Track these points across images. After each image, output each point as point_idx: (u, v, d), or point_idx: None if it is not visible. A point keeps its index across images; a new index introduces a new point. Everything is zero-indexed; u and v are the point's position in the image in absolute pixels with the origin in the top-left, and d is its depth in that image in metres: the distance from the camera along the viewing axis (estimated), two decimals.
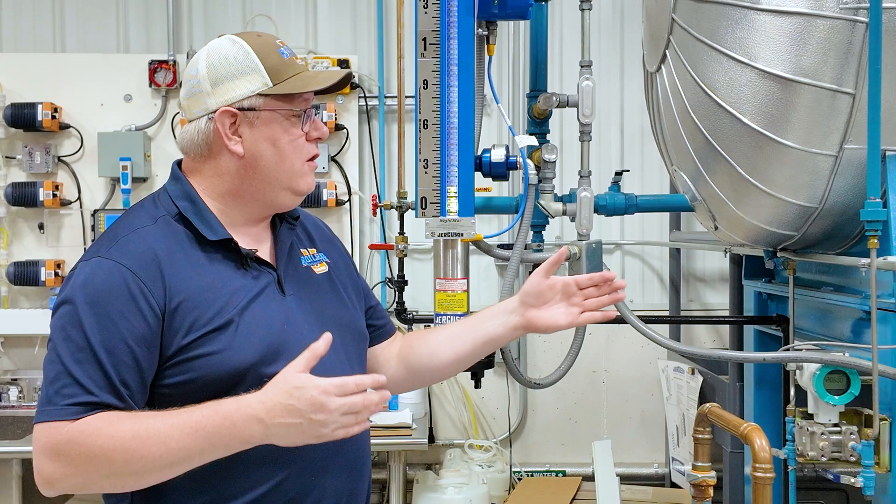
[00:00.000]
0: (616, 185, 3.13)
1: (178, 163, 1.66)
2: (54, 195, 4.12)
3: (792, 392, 2.66)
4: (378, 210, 4.00)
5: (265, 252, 1.64)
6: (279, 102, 1.58)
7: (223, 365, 1.47)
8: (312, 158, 1.63)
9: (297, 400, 1.37)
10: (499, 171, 2.64)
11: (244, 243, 1.60)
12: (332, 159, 4.26)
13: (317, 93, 1.61)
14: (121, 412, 1.42)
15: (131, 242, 1.51)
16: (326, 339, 1.43)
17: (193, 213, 1.57)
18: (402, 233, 3.50)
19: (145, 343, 1.46)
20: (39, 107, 4.08)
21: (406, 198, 3.51)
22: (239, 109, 1.56)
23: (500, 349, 2.71)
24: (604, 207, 3.01)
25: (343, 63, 4.18)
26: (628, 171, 3.79)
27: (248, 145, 1.58)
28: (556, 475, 4.37)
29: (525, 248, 2.73)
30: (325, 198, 4.14)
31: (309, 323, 1.60)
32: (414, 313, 3.61)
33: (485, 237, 2.70)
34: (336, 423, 1.38)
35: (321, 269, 1.71)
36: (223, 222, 1.60)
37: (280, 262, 1.63)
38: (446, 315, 2.53)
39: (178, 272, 1.51)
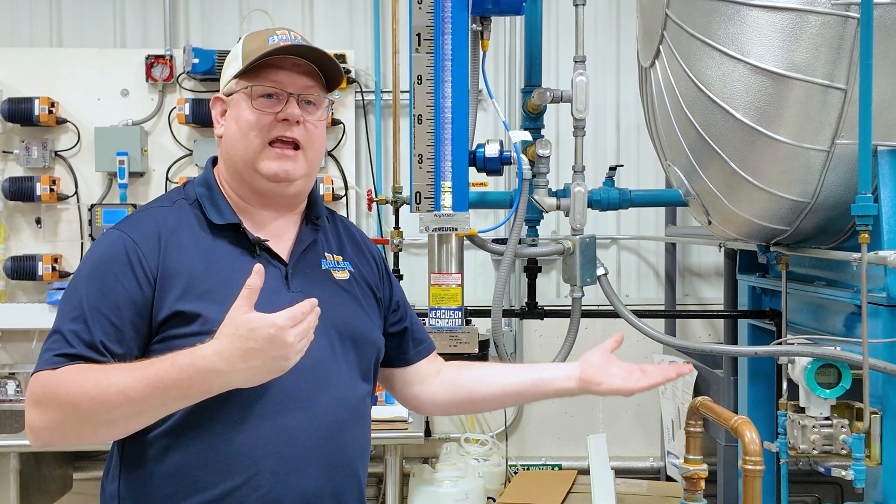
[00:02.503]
0: (610, 179, 3.14)
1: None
2: (51, 190, 4.13)
3: (784, 386, 2.68)
4: (374, 205, 4.01)
5: (284, 247, 1.65)
6: (244, 81, 1.62)
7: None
8: (276, 141, 1.61)
9: (255, 342, 1.37)
10: (493, 166, 2.66)
11: (260, 234, 1.63)
12: (329, 154, 4.27)
13: (322, 73, 1.64)
14: (92, 364, 1.46)
15: (142, 218, 1.60)
16: (258, 271, 1.41)
17: (207, 199, 1.63)
18: (397, 227, 3.51)
19: (135, 307, 1.51)
20: (36, 101, 4.09)
21: (401, 192, 3.52)
22: (226, 95, 1.65)
23: (495, 343, 2.73)
24: (598, 202, 3.03)
25: (339, 58, 4.18)
26: (622, 166, 3.80)
27: (225, 126, 1.65)
28: (552, 469, 4.39)
29: (519, 243, 2.75)
30: (321, 193, 4.15)
31: None
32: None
33: (479, 232, 2.71)
34: (295, 352, 1.40)
35: (342, 275, 1.71)
36: (238, 209, 1.64)
37: (293, 258, 1.64)
38: (440, 309, 2.54)
39: (176, 248, 1.56)
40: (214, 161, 1.70)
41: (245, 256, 1.60)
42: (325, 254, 1.71)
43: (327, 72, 1.65)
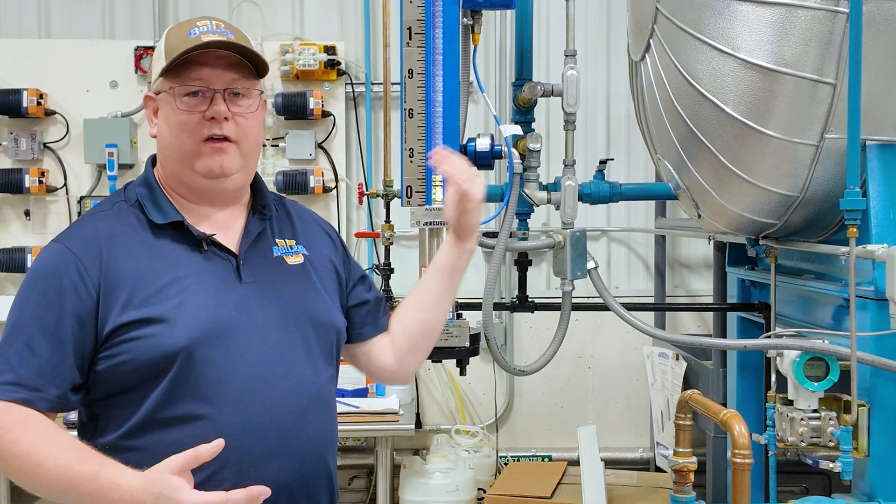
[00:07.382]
0: (600, 173, 3.15)
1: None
2: (40, 182, 4.11)
3: (773, 378, 2.70)
4: (364, 198, 4.01)
5: (232, 239, 1.64)
6: (169, 81, 1.59)
7: (154, 348, 1.49)
8: (209, 139, 1.58)
9: None
10: (484, 160, 2.66)
11: (206, 228, 1.61)
12: (319, 146, 4.26)
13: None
14: (35, 419, 1.46)
15: (82, 226, 1.59)
16: (218, 444, 1.38)
17: (147, 199, 1.62)
18: (388, 221, 3.51)
19: (76, 319, 1.50)
20: (25, 93, 4.06)
21: (392, 186, 3.51)
22: (155, 94, 1.63)
23: (486, 336, 2.74)
24: (588, 196, 3.04)
25: (329, 49, 4.17)
26: (612, 159, 3.80)
27: (157, 126, 1.64)
28: (542, 460, 4.41)
29: (510, 236, 2.76)
30: (311, 185, 4.14)
31: (265, 310, 1.60)
32: (400, 300, 3.61)
33: None
34: None
35: (295, 260, 1.69)
36: (180, 206, 1.62)
37: (242, 248, 1.63)
38: None
39: (118, 253, 1.54)
40: (154, 159, 1.68)
41: (191, 253, 1.58)
42: (277, 240, 1.69)
43: (253, 60, 1.61)
